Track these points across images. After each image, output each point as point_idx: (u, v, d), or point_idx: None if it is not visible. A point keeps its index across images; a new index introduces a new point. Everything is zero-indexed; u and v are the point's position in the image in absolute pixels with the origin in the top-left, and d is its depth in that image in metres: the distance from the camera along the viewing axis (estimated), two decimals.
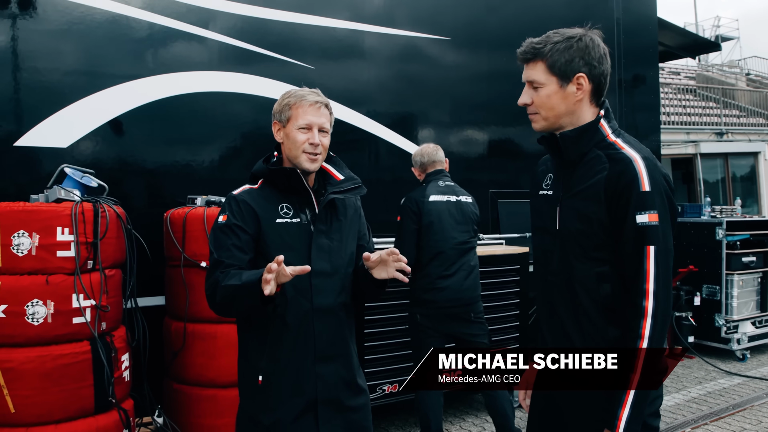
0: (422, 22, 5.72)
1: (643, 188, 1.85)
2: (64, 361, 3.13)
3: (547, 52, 1.94)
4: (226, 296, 2.03)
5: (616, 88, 7.26)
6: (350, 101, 5.23)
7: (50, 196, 3.29)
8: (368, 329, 4.43)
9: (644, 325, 1.82)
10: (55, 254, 3.14)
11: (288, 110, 2.20)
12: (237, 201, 2.18)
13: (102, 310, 3.23)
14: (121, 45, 4.31)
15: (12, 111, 4.00)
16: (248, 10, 4.81)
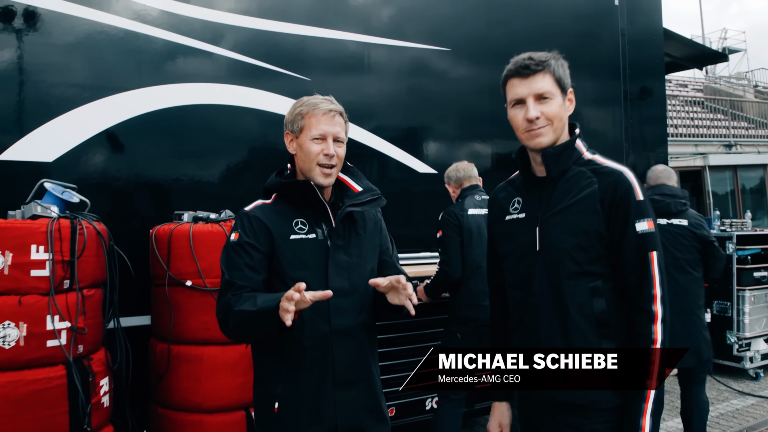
0: (430, 36, 5.61)
1: (638, 197, 1.92)
2: (37, 386, 2.96)
3: (552, 66, 1.99)
4: (240, 322, 1.93)
5: (621, 100, 7.11)
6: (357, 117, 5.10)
7: (26, 212, 3.14)
8: None
9: (656, 330, 1.86)
10: (29, 273, 2.98)
11: (300, 120, 2.10)
12: (249, 217, 2.08)
13: (78, 333, 3.07)
14: (108, 56, 4.19)
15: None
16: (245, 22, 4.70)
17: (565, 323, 1.95)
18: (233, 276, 2.00)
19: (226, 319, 1.97)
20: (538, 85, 1.98)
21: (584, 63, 6.75)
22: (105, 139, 4.13)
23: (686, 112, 18.69)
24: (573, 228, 1.95)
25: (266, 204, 2.14)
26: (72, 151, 4.01)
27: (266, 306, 1.87)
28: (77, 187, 3.58)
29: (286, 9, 4.91)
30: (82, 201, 3.48)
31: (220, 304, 2.00)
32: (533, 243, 2.03)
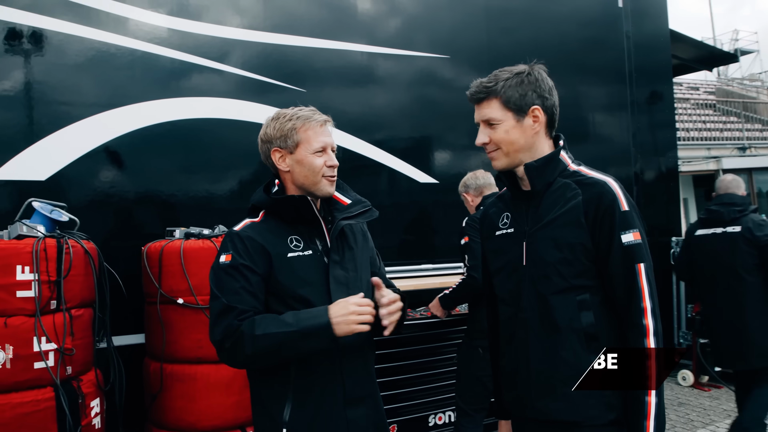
0: (432, 45, 5.57)
1: (623, 208, 1.85)
2: (25, 409, 2.90)
3: (500, 89, 1.95)
4: (269, 346, 1.83)
5: (628, 105, 6.99)
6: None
7: (12, 232, 3.09)
8: None
9: (649, 344, 1.79)
10: (15, 294, 2.93)
11: (295, 134, 2.02)
12: (241, 238, 1.97)
13: (66, 354, 3.01)
14: (97, 74, 4.17)
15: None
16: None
17: (553, 338, 1.89)
18: (232, 300, 1.89)
19: (239, 345, 1.84)
20: (483, 112, 1.99)
21: (588, 68, 6.66)
22: (97, 157, 4.11)
23: (698, 115, 18.45)
24: (558, 242, 1.89)
25: (255, 222, 2.04)
26: (64, 170, 4.00)
27: (312, 324, 1.84)
28: (66, 205, 3.54)
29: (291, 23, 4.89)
30: (72, 220, 3.44)
31: (220, 329, 1.87)
32: (521, 258, 1.98)
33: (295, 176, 2.05)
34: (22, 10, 3.99)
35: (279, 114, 2.08)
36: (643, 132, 7.11)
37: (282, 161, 2.05)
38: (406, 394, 4.27)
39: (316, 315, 1.87)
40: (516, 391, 1.99)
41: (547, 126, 2.00)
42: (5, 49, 3.93)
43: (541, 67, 2.01)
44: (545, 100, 1.96)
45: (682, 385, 6.36)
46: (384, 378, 4.19)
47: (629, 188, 6.89)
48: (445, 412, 4.43)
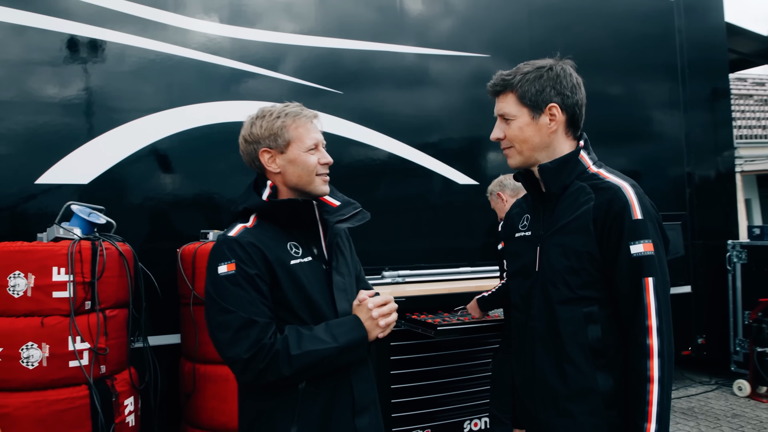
0: (487, 45, 5.51)
1: (635, 216, 1.72)
2: (60, 406, 3.00)
3: (516, 83, 1.86)
4: (308, 364, 1.76)
5: (680, 103, 6.72)
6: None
7: (49, 234, 3.20)
8: (395, 370, 4.13)
9: (651, 366, 1.68)
10: (51, 295, 3.03)
11: (285, 132, 1.90)
12: (242, 245, 1.82)
13: (99, 353, 3.09)
14: (141, 79, 4.28)
15: (34, 148, 4.00)
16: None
17: (559, 350, 1.80)
18: (251, 313, 1.75)
19: (274, 365, 1.73)
20: (500, 105, 1.91)
21: (637, 65, 6.44)
22: (137, 160, 4.21)
23: (762, 111, 17.58)
24: (566, 249, 1.80)
25: (250, 228, 1.89)
26: (106, 173, 4.10)
27: (352, 338, 1.82)
28: (105, 208, 3.64)
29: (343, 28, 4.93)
30: (109, 222, 3.53)
31: (245, 346, 1.72)
32: (534, 263, 1.90)
33: (287, 177, 1.94)
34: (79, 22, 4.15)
35: (264, 111, 1.95)
36: (697, 130, 6.82)
37: (272, 162, 1.93)
38: (441, 398, 4.22)
39: (352, 328, 1.82)
40: (523, 403, 1.92)
41: (568, 125, 1.89)
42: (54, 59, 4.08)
43: (567, 63, 1.91)
44: (565, 98, 1.85)
45: (738, 395, 6.05)
46: (419, 382, 4.16)
47: (681, 189, 6.63)
48: (480, 419, 4.35)
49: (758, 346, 5.94)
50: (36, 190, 3.95)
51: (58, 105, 4.06)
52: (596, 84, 6.15)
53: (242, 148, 1.99)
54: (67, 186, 4.01)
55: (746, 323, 6.25)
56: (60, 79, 4.10)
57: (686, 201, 6.66)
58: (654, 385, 1.66)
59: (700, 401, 5.92)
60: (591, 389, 1.75)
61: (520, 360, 1.96)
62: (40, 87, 4.04)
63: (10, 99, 3.95)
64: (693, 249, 6.64)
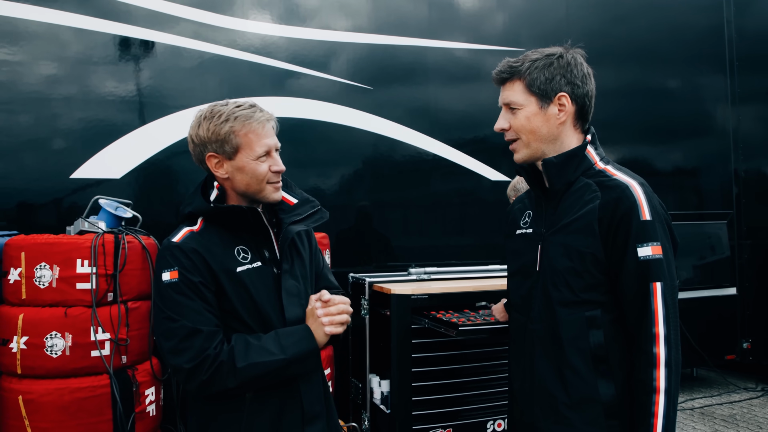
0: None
1: (643, 217, 1.63)
2: (82, 394, 3.09)
3: (525, 71, 1.78)
4: (255, 375, 1.70)
5: (728, 97, 6.45)
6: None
7: (75, 228, 3.31)
8: (417, 368, 4.10)
9: (658, 376, 1.60)
10: (75, 286, 3.12)
11: (233, 138, 1.76)
12: (185, 252, 1.74)
13: (120, 344, 3.18)
14: (170, 75, 4.37)
15: (71, 143, 4.14)
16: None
17: (558, 356, 1.73)
18: (196, 321, 1.69)
19: (218, 376, 1.68)
20: (506, 94, 1.83)
21: (681, 57, 6.21)
22: (169, 155, 4.30)
23: None
24: (569, 249, 1.72)
25: (195, 232, 1.81)
26: (137, 168, 4.21)
27: (301, 350, 1.74)
28: (132, 202, 3.73)
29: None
30: (135, 216, 3.62)
31: (189, 356, 1.67)
32: (535, 262, 1.83)
33: (235, 184, 1.83)
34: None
35: (212, 111, 1.81)
36: (747, 126, 6.53)
37: (219, 168, 1.82)
38: (463, 397, 4.16)
39: (301, 338, 1.75)
40: (521, 409, 1.87)
41: (577, 117, 1.81)
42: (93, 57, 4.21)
43: (577, 52, 1.83)
44: (575, 88, 1.78)
45: None
46: (441, 380, 4.12)
47: (728, 186, 6.37)
48: (504, 419, 4.28)
49: None
50: (71, 184, 4.09)
51: (95, 101, 4.18)
52: (640, 77, 5.99)
53: (190, 147, 1.89)
54: (100, 180, 4.13)
55: None
56: (98, 76, 4.22)
57: (733, 199, 6.39)
58: (660, 396, 1.58)
59: (743, 408, 5.67)
60: (591, 397, 1.68)
61: (519, 364, 1.90)
62: (80, 85, 4.17)
63: (53, 96, 4.09)
64: (740, 249, 6.37)
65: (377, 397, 4.08)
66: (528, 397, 1.82)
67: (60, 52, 4.12)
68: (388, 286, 4.08)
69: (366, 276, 4.46)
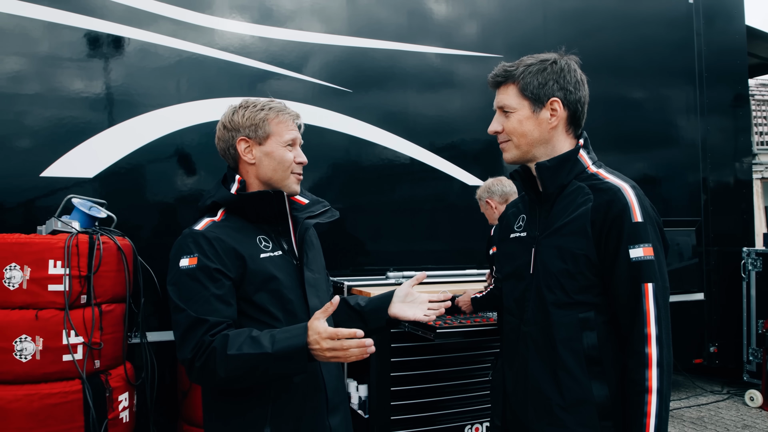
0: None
1: (635, 219, 1.65)
2: (52, 400, 2.98)
3: (519, 75, 1.79)
4: (240, 367, 1.64)
5: (697, 108, 6.59)
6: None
7: (48, 227, 3.20)
8: (396, 372, 4.07)
9: (650, 376, 1.61)
10: (47, 288, 3.01)
11: (266, 125, 1.87)
12: (208, 239, 1.75)
13: (93, 348, 3.07)
14: (146, 74, 4.27)
15: (42, 141, 4.00)
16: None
17: (552, 358, 1.73)
18: (201, 311, 1.67)
19: (209, 365, 1.64)
20: (500, 98, 1.85)
21: (653, 68, 6.33)
22: (141, 155, 4.20)
23: None
24: (562, 251, 1.72)
25: (217, 222, 1.84)
26: (111, 167, 4.09)
27: (288, 346, 1.62)
28: (106, 202, 3.63)
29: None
30: (109, 216, 3.52)
31: (190, 346, 1.66)
32: (529, 265, 1.83)
33: (261, 170, 1.89)
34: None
35: (248, 102, 1.93)
36: (715, 136, 6.69)
37: (248, 152, 1.89)
38: (442, 402, 4.15)
39: (294, 335, 1.68)
40: (515, 411, 1.86)
41: (569, 122, 1.82)
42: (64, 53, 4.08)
43: (572, 59, 1.84)
44: (568, 94, 1.79)
45: (750, 406, 5.91)
46: (419, 384, 4.10)
47: (696, 195, 6.51)
48: (482, 423, 4.27)
49: None
50: (41, 182, 3.95)
51: (66, 99, 4.06)
52: (612, 88, 6.08)
53: (219, 134, 1.93)
54: (71, 179, 4.01)
55: (760, 332, 6.11)
56: (69, 73, 4.10)
57: (701, 207, 6.53)
58: (652, 395, 1.59)
59: (711, 411, 5.79)
60: (585, 398, 1.68)
61: (512, 366, 1.89)
62: (50, 81, 4.04)
63: (21, 92, 3.95)
64: (707, 256, 6.51)
65: (355, 402, 4.04)
66: (522, 399, 1.82)
67: (28, 47, 3.99)
68: (366, 289, 4.05)
69: (344, 279, 4.42)
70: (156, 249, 3.92)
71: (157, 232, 4.22)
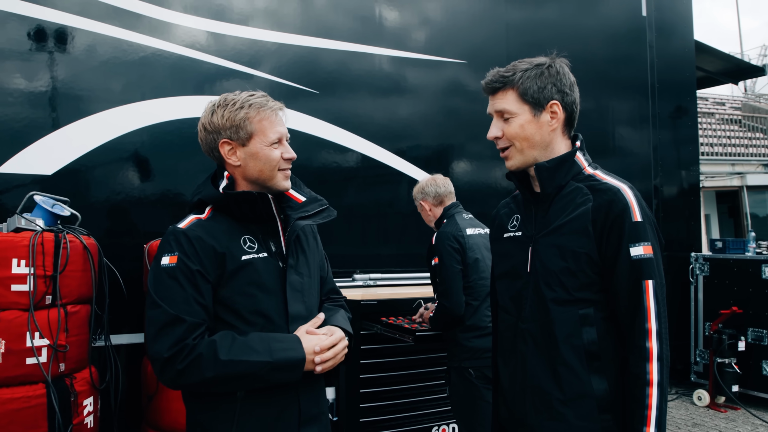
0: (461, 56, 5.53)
1: (635, 218, 1.70)
2: (15, 405, 2.85)
3: (517, 80, 1.81)
4: (235, 373, 1.64)
5: (649, 118, 6.84)
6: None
7: (10, 225, 3.06)
8: (365, 374, 4.06)
9: (651, 370, 1.65)
10: (10, 288, 2.88)
11: (247, 125, 1.78)
12: (189, 238, 1.71)
13: (59, 350, 2.96)
14: (108, 69, 4.14)
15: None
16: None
17: (552, 353, 1.76)
18: (181, 311, 1.65)
19: (195, 367, 1.63)
20: (497, 103, 1.85)
21: (608, 79, 6.52)
22: (103, 153, 4.08)
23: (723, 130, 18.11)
24: (563, 250, 1.76)
25: (203, 220, 1.79)
26: (70, 165, 3.96)
27: (287, 357, 1.67)
28: (69, 200, 3.50)
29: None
30: (73, 214, 3.39)
31: (167, 344, 1.63)
32: (525, 264, 1.86)
33: (247, 171, 1.83)
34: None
35: (227, 100, 1.82)
36: (665, 146, 6.96)
37: (232, 154, 1.81)
38: (410, 404, 4.17)
39: (290, 347, 1.69)
40: (510, 407, 1.88)
41: (566, 124, 1.86)
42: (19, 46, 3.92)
43: (563, 61, 1.88)
44: (565, 96, 1.83)
45: (698, 405, 6.16)
46: (388, 386, 4.11)
47: (648, 202, 6.70)
48: (449, 425, 4.32)
49: (718, 357, 6.06)
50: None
51: (22, 94, 3.90)
52: None
53: (201, 136, 1.86)
54: (29, 176, 3.85)
55: (707, 334, 6.38)
56: (25, 67, 3.94)
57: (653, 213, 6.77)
58: (653, 388, 1.64)
59: None
60: (585, 393, 1.72)
61: (508, 363, 1.91)
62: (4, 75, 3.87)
63: None
64: None
65: None
66: (519, 395, 1.84)
67: None
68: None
69: None
70: (118, 249, 3.81)
71: (118, 232, 4.10)
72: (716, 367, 6.06)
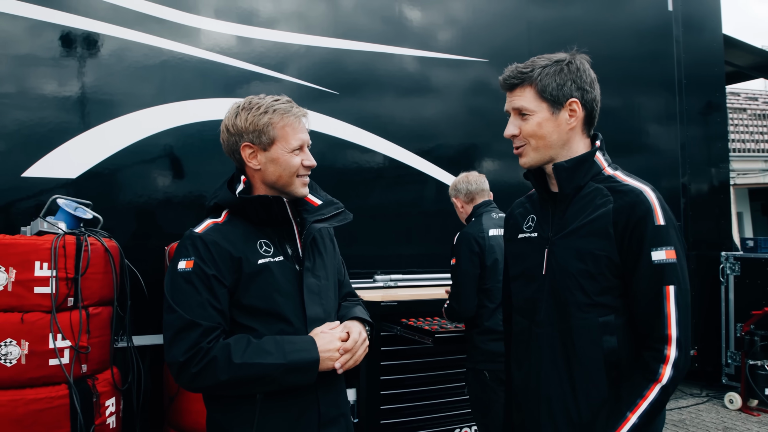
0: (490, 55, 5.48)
1: (657, 222, 1.64)
2: (38, 406, 2.90)
3: (536, 77, 1.75)
4: (249, 376, 1.66)
5: (677, 114, 6.69)
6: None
7: (33, 228, 3.11)
8: (385, 376, 4.05)
9: (663, 372, 1.60)
10: (32, 290, 2.93)
11: (271, 129, 1.79)
12: (205, 243, 1.73)
13: (80, 352, 3.00)
14: (131, 73, 4.19)
15: (23, 141, 3.90)
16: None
17: (569, 360, 1.70)
18: (197, 316, 1.67)
19: (209, 371, 1.65)
20: (515, 100, 1.79)
21: (634, 75, 6.40)
22: (126, 156, 4.12)
23: (755, 126, 17.66)
24: (581, 252, 1.70)
25: (219, 224, 1.81)
26: (94, 168, 4.01)
27: (301, 358, 1.68)
28: (91, 203, 3.55)
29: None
30: (96, 217, 3.44)
31: (182, 349, 1.65)
32: (541, 266, 1.80)
33: (266, 175, 1.83)
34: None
35: (251, 103, 1.82)
36: (693, 143, 6.80)
37: (253, 158, 1.82)
38: (431, 405, 4.14)
39: (304, 348, 1.70)
40: (523, 414, 1.84)
41: (585, 122, 1.80)
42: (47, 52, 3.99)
43: (584, 57, 1.81)
44: (585, 93, 1.77)
45: (729, 408, 6.01)
46: (409, 388, 4.08)
47: (676, 200, 6.60)
48: (471, 427, 4.27)
49: (750, 359, 5.91)
50: (22, 183, 3.85)
51: (45, 99, 3.97)
52: None
53: (223, 137, 1.87)
54: (54, 180, 3.91)
55: (738, 336, 6.22)
56: (52, 72, 4.01)
57: (681, 212, 6.63)
58: (657, 386, 1.58)
59: (691, 413, 5.87)
60: (604, 403, 1.67)
61: (522, 367, 1.86)
62: (31, 80, 3.95)
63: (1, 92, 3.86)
64: (686, 260, 6.60)
65: None
66: (534, 402, 1.79)
67: (5, 46, 3.89)
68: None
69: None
70: (140, 251, 3.85)
71: (140, 235, 4.14)
72: (748, 369, 5.91)
